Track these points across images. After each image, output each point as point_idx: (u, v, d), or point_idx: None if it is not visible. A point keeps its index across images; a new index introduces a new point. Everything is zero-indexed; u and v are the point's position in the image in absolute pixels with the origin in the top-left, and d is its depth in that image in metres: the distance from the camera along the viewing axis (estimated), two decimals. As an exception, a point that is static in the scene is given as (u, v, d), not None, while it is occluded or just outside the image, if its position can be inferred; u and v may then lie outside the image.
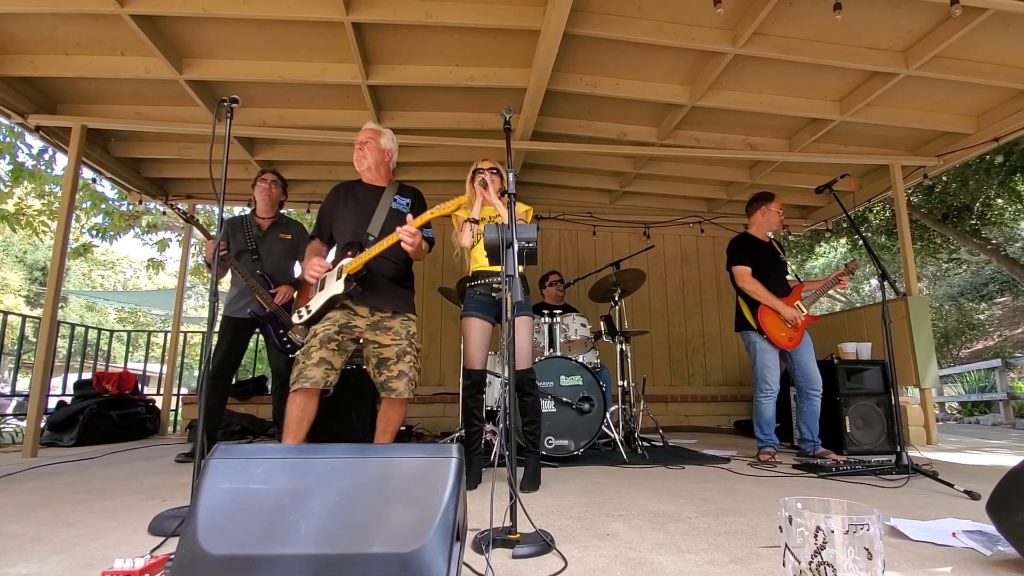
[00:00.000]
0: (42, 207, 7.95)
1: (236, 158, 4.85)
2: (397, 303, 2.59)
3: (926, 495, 2.38)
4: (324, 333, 2.41)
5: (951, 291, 15.65)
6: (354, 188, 2.73)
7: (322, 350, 2.38)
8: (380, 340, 2.50)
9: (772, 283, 3.51)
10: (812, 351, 3.50)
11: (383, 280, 2.57)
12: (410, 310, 2.65)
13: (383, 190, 2.72)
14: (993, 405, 8.51)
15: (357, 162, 2.69)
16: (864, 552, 0.95)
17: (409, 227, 2.33)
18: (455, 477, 1.14)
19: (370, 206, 2.65)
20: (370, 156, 2.67)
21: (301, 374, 2.34)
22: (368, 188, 2.72)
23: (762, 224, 3.67)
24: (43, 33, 3.43)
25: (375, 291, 2.53)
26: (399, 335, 2.52)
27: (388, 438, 2.56)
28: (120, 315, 19.18)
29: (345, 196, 2.70)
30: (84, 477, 2.84)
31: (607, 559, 1.49)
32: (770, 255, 3.60)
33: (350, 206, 2.66)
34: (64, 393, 5.58)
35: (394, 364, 2.48)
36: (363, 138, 2.69)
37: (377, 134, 2.72)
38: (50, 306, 3.81)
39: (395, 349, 2.49)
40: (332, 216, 2.68)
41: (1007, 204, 9.74)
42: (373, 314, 2.53)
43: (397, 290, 2.62)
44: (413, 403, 5.35)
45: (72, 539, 1.68)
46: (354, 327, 2.49)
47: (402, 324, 2.56)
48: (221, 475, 1.15)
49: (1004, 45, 3.48)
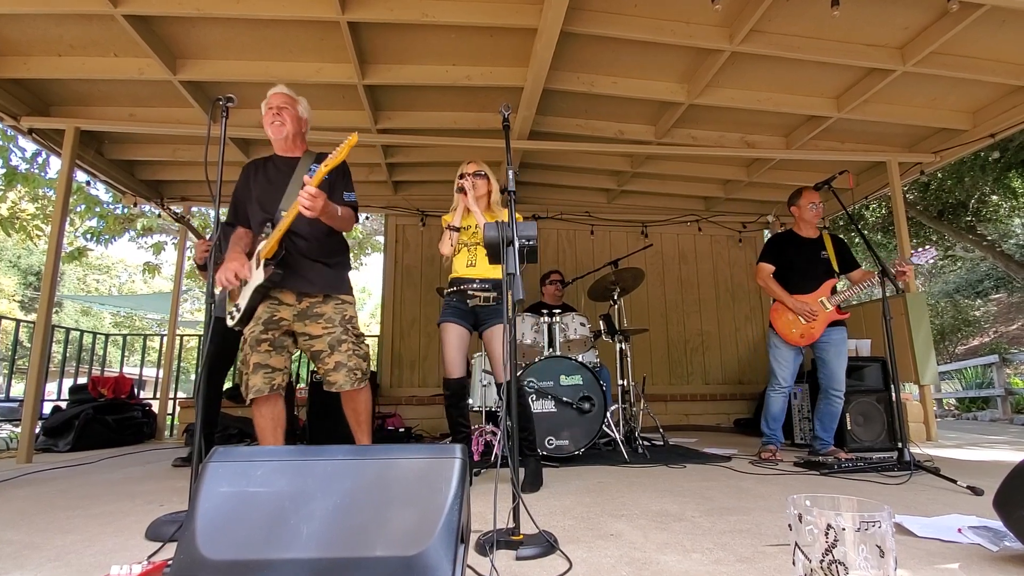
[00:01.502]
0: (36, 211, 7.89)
1: (231, 159, 4.82)
2: (324, 284, 2.31)
3: (929, 491, 2.37)
4: (252, 336, 2.22)
5: (947, 288, 15.72)
6: (265, 163, 2.44)
7: (255, 355, 2.20)
8: (310, 331, 2.27)
9: (799, 279, 3.42)
10: (841, 351, 3.37)
11: (304, 260, 2.29)
12: (344, 291, 2.37)
13: (298, 160, 2.41)
14: (991, 401, 8.54)
15: (275, 130, 2.37)
16: (876, 550, 0.94)
17: (308, 188, 2.02)
18: (459, 478, 1.12)
19: (282, 179, 2.35)
20: (289, 123, 2.38)
21: (246, 385, 2.21)
22: (281, 160, 2.43)
23: (800, 221, 3.58)
24: (35, 34, 3.39)
25: (297, 273, 2.25)
26: (331, 322, 2.27)
27: (363, 430, 2.36)
28: (116, 319, 19.07)
29: (255, 173, 2.42)
30: (80, 483, 2.81)
31: (612, 559, 1.47)
32: (809, 251, 3.49)
33: (260, 182, 2.38)
34: (59, 398, 5.53)
35: (328, 356, 2.25)
36: (279, 103, 2.39)
37: (293, 100, 2.44)
38: (44, 311, 3.77)
39: (327, 339, 2.25)
40: (245, 196, 2.40)
41: (1002, 200, 9.78)
42: (300, 300, 2.28)
43: (323, 270, 2.33)
44: (412, 405, 5.36)
45: (67, 546, 1.65)
46: (280, 320, 2.25)
47: (335, 309, 2.30)
48: (220, 478, 1.12)
49: (1000, 41, 3.49)
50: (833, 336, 3.38)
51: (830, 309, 3.36)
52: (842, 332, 3.41)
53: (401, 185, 5.73)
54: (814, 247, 3.51)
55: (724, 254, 6.52)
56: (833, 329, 3.38)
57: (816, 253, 3.49)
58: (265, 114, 2.39)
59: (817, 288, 3.41)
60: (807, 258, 3.48)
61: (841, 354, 3.38)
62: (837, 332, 3.39)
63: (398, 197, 5.85)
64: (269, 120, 2.37)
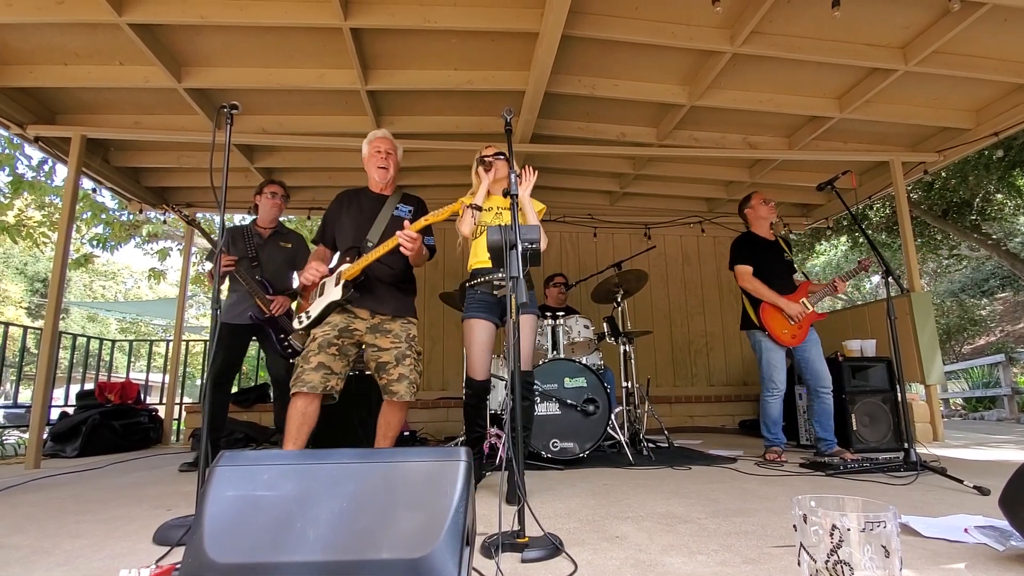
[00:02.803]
0: (42, 218, 7.94)
1: (236, 166, 4.85)
2: (396, 306, 2.60)
3: (936, 492, 2.36)
4: (323, 338, 2.42)
5: (952, 287, 15.64)
6: (359, 195, 2.76)
7: (320, 354, 2.39)
8: (379, 344, 2.52)
9: (776, 281, 3.50)
10: (820, 348, 3.48)
11: (382, 285, 2.59)
12: (410, 313, 2.67)
13: (387, 198, 2.75)
14: (997, 400, 8.49)
15: (380, 174, 2.70)
16: (881, 550, 0.94)
17: (408, 231, 2.35)
18: (464, 480, 1.13)
19: (372, 213, 2.67)
20: (392, 169, 2.73)
21: (299, 378, 2.35)
22: (372, 195, 2.75)
23: (756, 222, 3.68)
24: (41, 43, 3.43)
25: (374, 295, 2.55)
26: (398, 338, 2.53)
27: (388, 442, 2.57)
28: (122, 325, 19.18)
29: (349, 203, 2.73)
30: (87, 488, 2.83)
31: (617, 562, 1.47)
32: (774, 253, 3.59)
33: (353, 213, 2.69)
34: (67, 404, 5.56)
35: (393, 367, 2.49)
36: (387, 148, 2.73)
37: (396, 147, 2.78)
38: (51, 317, 3.80)
39: (394, 352, 2.50)
40: (336, 222, 2.71)
41: (1007, 199, 9.73)
42: (373, 316, 2.55)
43: (396, 294, 2.63)
44: (416, 408, 5.36)
45: (76, 550, 1.66)
46: (354, 330, 2.50)
47: (402, 327, 2.58)
48: (227, 482, 1.13)
49: (1002, 40, 3.48)
50: (812, 336, 3.50)
51: (811, 309, 3.48)
52: (814, 332, 3.53)
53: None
54: (777, 249, 3.62)
55: (727, 255, 6.46)
56: (811, 329, 3.51)
57: (780, 255, 3.60)
58: (371, 155, 2.71)
59: (793, 290, 3.52)
60: (776, 260, 3.58)
61: (821, 352, 3.50)
62: (813, 332, 3.52)
63: (401, 201, 5.86)
64: (376, 163, 2.70)
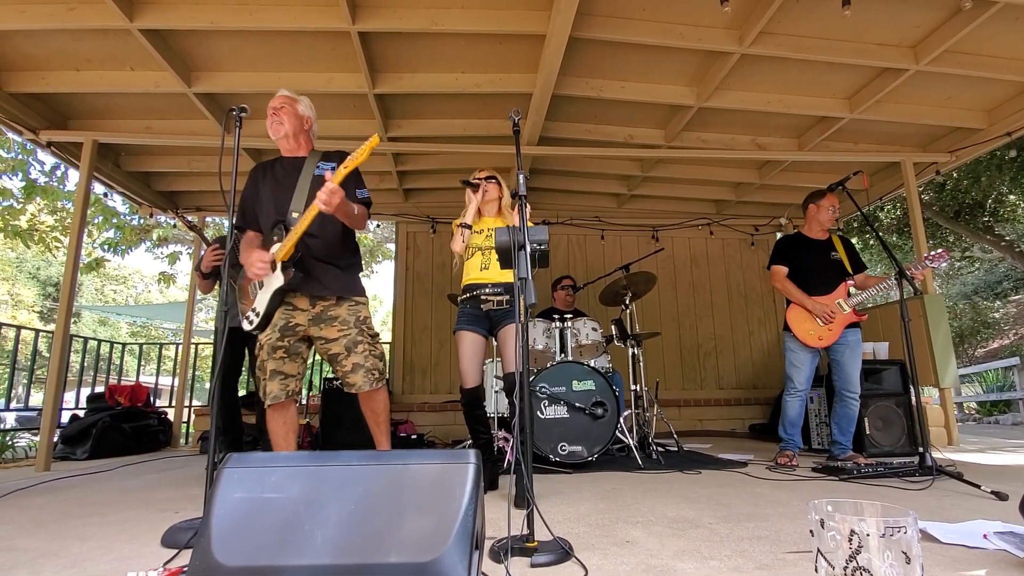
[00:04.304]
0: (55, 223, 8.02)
1: (245, 169, 4.84)
2: (338, 286, 2.32)
3: (952, 497, 2.32)
4: (268, 343, 2.24)
5: (965, 289, 15.45)
6: (272, 165, 2.44)
7: (270, 361, 2.23)
8: (326, 335, 2.27)
9: (815, 282, 3.39)
10: (856, 352, 3.34)
11: (318, 264, 2.30)
12: (356, 292, 2.37)
13: (303, 160, 2.40)
14: (1012, 404, 8.36)
15: (273, 130, 2.39)
16: (902, 556, 0.91)
17: (328, 185, 2.01)
18: (473, 483, 1.11)
19: (290, 180, 2.34)
20: (287, 122, 2.38)
21: (263, 391, 2.24)
22: (288, 161, 2.42)
23: (813, 221, 3.55)
24: (53, 49, 3.47)
25: (311, 277, 2.27)
26: (346, 324, 2.28)
27: (382, 430, 2.36)
28: (132, 329, 19.34)
29: (263, 174, 2.40)
30: (97, 490, 2.84)
31: (628, 567, 1.45)
32: (820, 253, 3.47)
33: (269, 184, 2.37)
34: (77, 406, 5.60)
35: (345, 358, 2.25)
36: (277, 103, 2.41)
37: (292, 99, 2.44)
38: (63, 320, 3.83)
39: (343, 342, 2.26)
40: (253, 199, 2.39)
41: (1020, 200, 9.61)
42: (314, 304, 2.29)
43: (337, 272, 2.34)
44: (424, 411, 5.36)
45: (84, 553, 1.66)
46: (296, 326, 2.27)
47: (349, 310, 2.31)
48: (234, 484, 1.12)
49: (1014, 38, 3.44)
50: (849, 338, 3.35)
51: (847, 311, 3.33)
52: (857, 334, 3.38)
53: (412, 192, 5.76)
54: (824, 249, 3.49)
55: (736, 257, 6.47)
56: (849, 331, 3.35)
57: (827, 255, 3.47)
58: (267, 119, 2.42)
59: (832, 290, 3.38)
60: (819, 260, 3.46)
61: (856, 356, 3.35)
62: (852, 334, 3.36)
63: (409, 204, 5.88)
64: (269, 123, 2.40)
